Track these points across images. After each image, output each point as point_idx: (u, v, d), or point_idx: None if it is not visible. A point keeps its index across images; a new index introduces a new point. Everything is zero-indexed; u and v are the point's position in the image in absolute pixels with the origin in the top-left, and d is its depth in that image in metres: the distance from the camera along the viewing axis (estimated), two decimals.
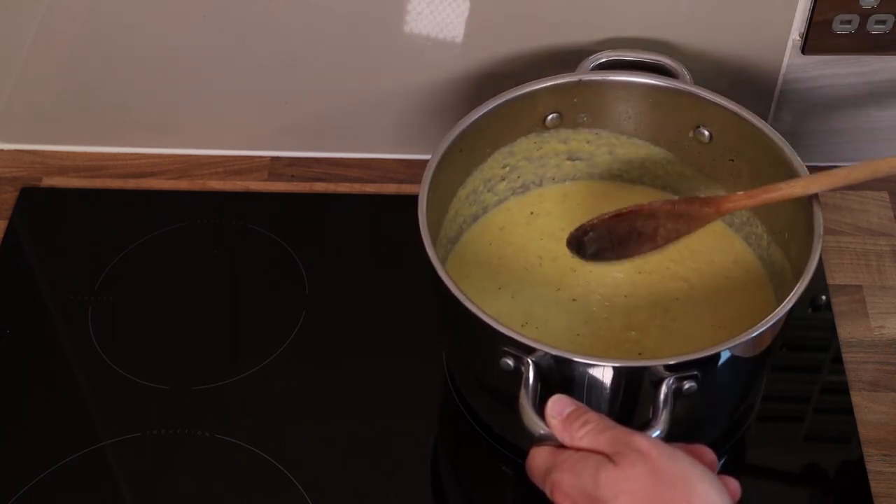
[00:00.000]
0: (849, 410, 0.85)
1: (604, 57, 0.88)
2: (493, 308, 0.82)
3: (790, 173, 0.79)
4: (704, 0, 0.90)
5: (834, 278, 0.93)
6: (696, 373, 0.69)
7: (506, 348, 0.71)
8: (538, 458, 0.66)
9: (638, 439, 0.62)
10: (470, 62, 0.95)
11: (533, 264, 0.86)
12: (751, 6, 0.90)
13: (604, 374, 0.70)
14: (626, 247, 0.82)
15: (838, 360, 0.88)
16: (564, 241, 0.88)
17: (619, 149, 0.90)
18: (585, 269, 0.86)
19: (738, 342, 0.70)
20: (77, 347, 0.90)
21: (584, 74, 0.86)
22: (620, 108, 0.88)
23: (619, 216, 0.81)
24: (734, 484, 0.64)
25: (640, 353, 0.81)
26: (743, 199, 0.78)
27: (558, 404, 0.66)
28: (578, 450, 0.64)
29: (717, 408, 0.80)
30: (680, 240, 0.81)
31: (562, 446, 0.65)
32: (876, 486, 0.81)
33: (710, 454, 0.66)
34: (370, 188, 1.02)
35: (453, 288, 0.72)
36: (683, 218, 0.80)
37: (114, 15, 0.93)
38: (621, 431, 0.63)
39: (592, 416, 0.65)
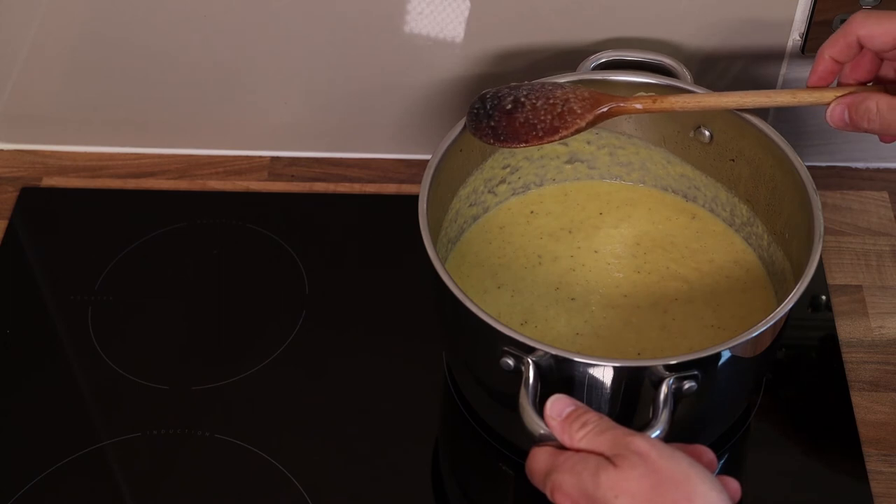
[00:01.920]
0: (849, 410, 0.85)
1: (604, 57, 0.87)
2: (492, 307, 0.82)
3: (791, 173, 0.79)
4: (705, 0, 0.90)
5: (834, 278, 0.93)
6: (696, 373, 0.69)
7: (506, 348, 0.71)
8: (538, 459, 0.66)
9: (637, 440, 0.62)
10: (470, 62, 0.95)
11: (533, 263, 0.86)
12: (751, 6, 0.90)
13: (604, 373, 0.70)
14: (518, 130, 0.79)
15: (838, 360, 0.88)
16: (565, 241, 0.88)
17: (619, 149, 0.90)
18: (585, 268, 0.86)
19: (738, 342, 0.70)
20: (77, 347, 0.90)
21: (585, 74, 0.86)
22: None
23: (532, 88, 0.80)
24: (734, 485, 0.64)
25: (639, 353, 0.81)
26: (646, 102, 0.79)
27: (558, 404, 0.66)
28: (578, 451, 0.64)
29: (717, 408, 0.80)
30: (567, 131, 0.78)
31: (562, 447, 0.65)
32: (876, 486, 0.81)
33: (708, 454, 0.66)
34: (370, 188, 1.02)
35: (453, 288, 0.72)
36: (586, 103, 0.79)
37: (114, 15, 0.93)
38: (621, 432, 0.63)
39: (592, 416, 0.65)
